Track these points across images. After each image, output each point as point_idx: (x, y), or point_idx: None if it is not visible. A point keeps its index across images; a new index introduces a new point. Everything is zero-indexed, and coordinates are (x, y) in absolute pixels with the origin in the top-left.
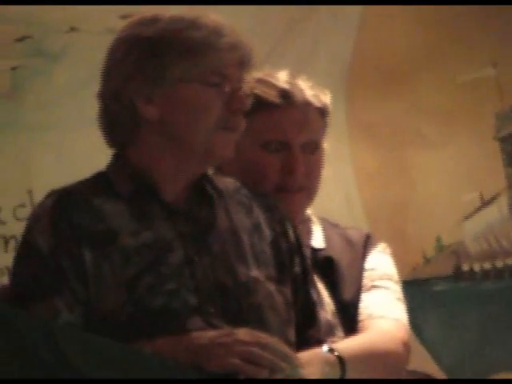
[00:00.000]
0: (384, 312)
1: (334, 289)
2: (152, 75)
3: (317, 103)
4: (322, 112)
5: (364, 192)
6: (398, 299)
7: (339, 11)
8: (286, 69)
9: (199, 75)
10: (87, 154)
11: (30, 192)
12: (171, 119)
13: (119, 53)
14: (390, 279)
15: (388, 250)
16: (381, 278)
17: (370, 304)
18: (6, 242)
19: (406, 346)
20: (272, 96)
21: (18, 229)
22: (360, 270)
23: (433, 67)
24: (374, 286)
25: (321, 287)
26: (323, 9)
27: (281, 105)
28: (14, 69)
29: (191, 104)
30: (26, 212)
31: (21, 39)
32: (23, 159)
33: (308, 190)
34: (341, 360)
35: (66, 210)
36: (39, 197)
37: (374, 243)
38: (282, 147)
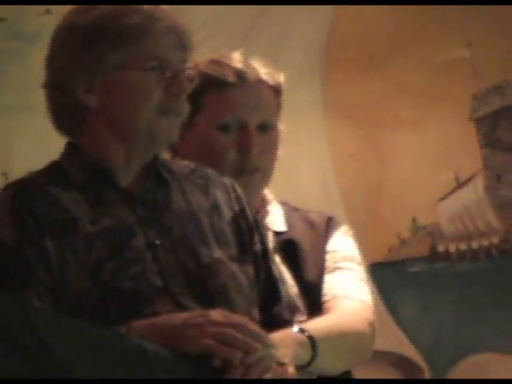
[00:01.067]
0: (348, 293)
1: (296, 271)
2: (89, 64)
3: (270, 81)
4: (276, 90)
5: (340, 173)
6: (362, 280)
7: None
8: (261, 51)
9: (136, 61)
10: (63, 137)
11: (4, 174)
12: (112, 107)
13: (57, 42)
14: (352, 261)
15: (350, 232)
16: (344, 260)
17: (333, 285)
18: None
19: (372, 326)
20: (226, 75)
21: None
22: (322, 252)
23: (408, 48)
24: (337, 268)
25: (284, 270)
26: None
27: (235, 84)
28: None
29: (130, 90)
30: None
31: None
32: None
33: (263, 170)
34: (312, 340)
35: (25, 201)
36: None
37: (336, 226)
38: (236, 127)
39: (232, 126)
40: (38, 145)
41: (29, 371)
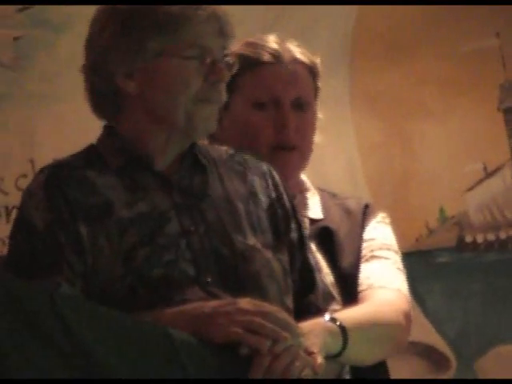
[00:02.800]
0: (384, 282)
1: (332, 259)
2: (129, 49)
3: (306, 60)
4: (311, 70)
5: (367, 163)
6: (398, 269)
7: None
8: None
9: (177, 49)
10: (89, 124)
11: (32, 162)
12: (150, 93)
13: (97, 26)
14: (389, 249)
15: (387, 220)
16: (380, 248)
17: (370, 274)
18: (8, 213)
19: (408, 316)
20: (260, 54)
21: (19, 199)
22: (359, 240)
23: (436, 38)
24: (373, 257)
25: (319, 258)
26: None
27: (270, 62)
28: (16, 39)
29: (170, 78)
30: (28, 182)
31: (22, 9)
32: (25, 129)
33: (301, 149)
34: (343, 329)
35: (59, 185)
36: (41, 167)
37: (373, 213)
38: (272, 104)
39: (267, 103)
40: (64, 132)
41: (54, 359)
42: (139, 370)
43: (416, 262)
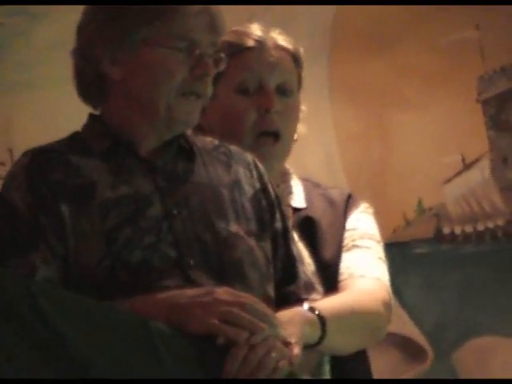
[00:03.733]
0: (365, 271)
1: (314, 249)
2: (115, 35)
3: (289, 47)
4: (294, 57)
5: (345, 153)
6: (380, 258)
7: None
8: None
9: (164, 39)
10: (68, 112)
11: (10, 150)
12: (134, 81)
13: (88, 13)
14: (371, 238)
15: (370, 210)
16: (362, 238)
17: (351, 263)
18: None
19: (387, 305)
20: (244, 41)
21: None
22: (341, 229)
23: (415, 29)
24: (355, 246)
25: (301, 247)
26: None
27: (253, 47)
28: None
29: (154, 67)
30: (6, 170)
31: None
32: (4, 118)
33: (283, 138)
34: (321, 319)
35: (41, 167)
36: (19, 155)
37: (356, 203)
38: (256, 88)
39: (251, 87)
40: (42, 121)
41: (30, 346)
42: (116, 360)
43: (393, 253)
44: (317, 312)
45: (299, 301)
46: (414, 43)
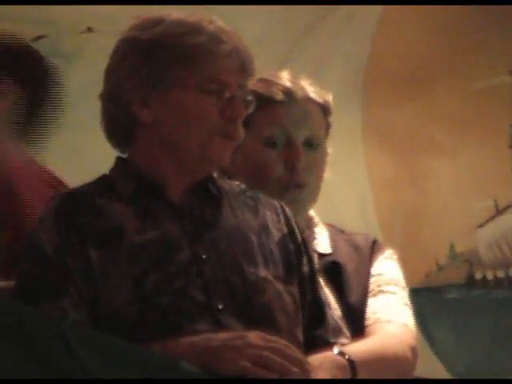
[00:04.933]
0: (391, 317)
1: (340, 294)
2: (147, 78)
3: (318, 99)
4: (324, 109)
5: (378, 198)
6: (405, 304)
7: (355, 15)
8: (300, 73)
9: (196, 81)
10: (99, 154)
11: None
12: (165, 124)
13: (118, 54)
14: (396, 284)
15: (395, 256)
16: (387, 284)
17: (377, 309)
18: None
19: (414, 350)
20: (274, 93)
21: None
22: (366, 275)
23: (448, 74)
24: (380, 291)
25: (327, 292)
26: (339, 13)
27: (282, 101)
28: None
29: (186, 110)
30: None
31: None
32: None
33: (309, 187)
34: (351, 363)
35: (70, 211)
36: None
37: (381, 249)
38: (283, 143)
39: (279, 141)
40: (76, 161)
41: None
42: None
43: (425, 298)
44: (347, 357)
45: (327, 345)
46: (447, 88)
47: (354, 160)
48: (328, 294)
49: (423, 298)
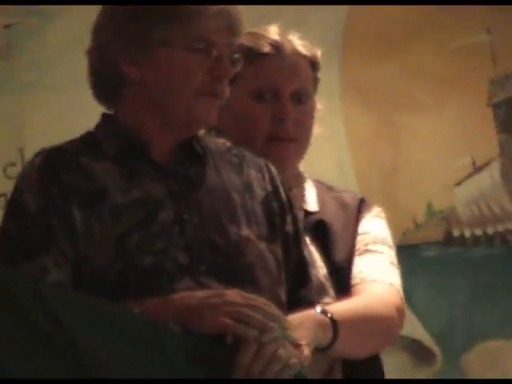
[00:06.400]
0: (377, 276)
1: (326, 252)
2: (134, 36)
3: (307, 53)
4: (312, 63)
5: (356, 155)
6: (392, 263)
7: None
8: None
9: (183, 40)
10: (79, 113)
11: (21, 150)
12: (153, 82)
13: (106, 13)
14: (383, 243)
15: (382, 214)
16: (374, 242)
17: (363, 268)
18: None
19: (400, 310)
20: (261, 46)
21: (8, 187)
22: (353, 233)
23: (427, 33)
24: (367, 250)
25: (313, 250)
26: None
27: (270, 54)
28: (7, 27)
29: (173, 68)
30: (17, 170)
31: None
32: (15, 117)
33: (299, 141)
34: (334, 322)
35: (54, 169)
36: (30, 155)
37: (369, 207)
38: (271, 95)
39: (266, 94)
40: (54, 121)
41: (38, 346)
42: (124, 359)
43: (403, 256)
44: (329, 315)
45: (312, 304)
46: (425, 46)
47: (333, 117)
48: (314, 253)
49: (401, 256)
